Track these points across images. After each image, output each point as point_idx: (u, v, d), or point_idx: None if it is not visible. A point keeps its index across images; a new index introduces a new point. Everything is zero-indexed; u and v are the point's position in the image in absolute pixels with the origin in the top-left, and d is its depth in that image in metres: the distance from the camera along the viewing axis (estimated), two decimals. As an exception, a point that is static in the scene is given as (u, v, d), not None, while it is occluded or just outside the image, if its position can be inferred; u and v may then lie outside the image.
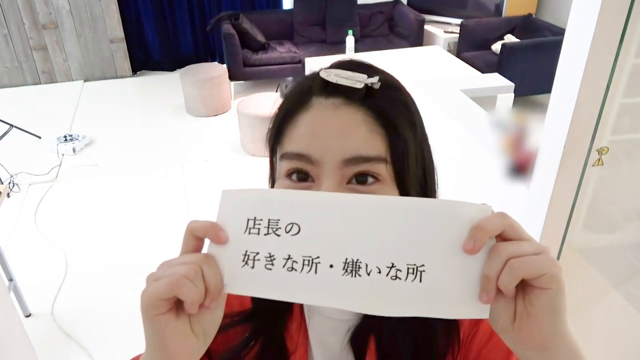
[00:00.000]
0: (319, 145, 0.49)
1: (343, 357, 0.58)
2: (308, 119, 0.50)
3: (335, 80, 0.49)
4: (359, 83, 0.49)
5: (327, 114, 0.50)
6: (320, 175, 0.50)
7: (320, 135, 0.49)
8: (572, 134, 1.13)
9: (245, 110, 3.71)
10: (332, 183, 0.49)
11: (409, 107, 0.53)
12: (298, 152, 0.50)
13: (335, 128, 0.49)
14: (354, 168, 0.49)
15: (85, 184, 3.50)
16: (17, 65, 5.01)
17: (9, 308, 1.75)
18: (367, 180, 0.49)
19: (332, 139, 0.49)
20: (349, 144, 0.49)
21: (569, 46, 1.11)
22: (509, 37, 4.73)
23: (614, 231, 1.47)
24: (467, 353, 0.58)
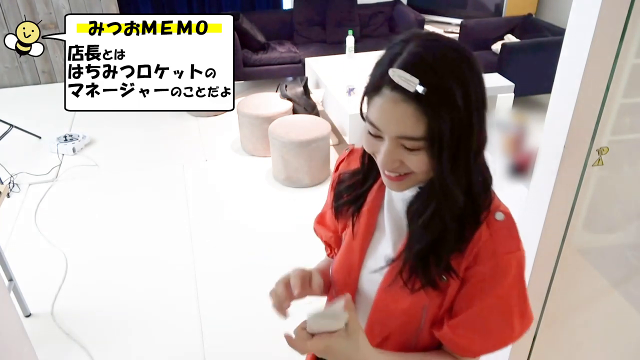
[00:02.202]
0: (384, 124, 0.72)
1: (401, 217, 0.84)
2: (379, 102, 0.71)
3: (397, 81, 0.68)
4: (412, 88, 0.67)
5: (390, 105, 0.70)
6: (384, 137, 0.73)
7: (385, 119, 0.71)
8: (572, 134, 1.13)
9: (245, 110, 3.71)
10: (389, 147, 0.73)
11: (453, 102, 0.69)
12: (373, 123, 0.73)
13: (394, 117, 0.70)
14: (402, 141, 0.71)
15: (85, 184, 3.50)
16: (17, 65, 5.01)
17: (9, 308, 1.75)
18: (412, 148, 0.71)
19: (392, 123, 0.71)
20: (401, 128, 0.70)
21: (569, 46, 1.11)
22: (509, 37, 4.73)
23: (614, 231, 1.47)
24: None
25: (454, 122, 0.69)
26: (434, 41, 0.72)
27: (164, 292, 2.54)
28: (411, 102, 0.68)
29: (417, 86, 0.67)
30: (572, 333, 1.55)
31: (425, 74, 0.67)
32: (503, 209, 0.80)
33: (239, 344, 2.25)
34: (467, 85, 0.70)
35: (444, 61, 0.70)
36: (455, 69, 0.69)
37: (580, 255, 1.42)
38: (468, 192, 0.76)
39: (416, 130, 0.69)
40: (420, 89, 0.67)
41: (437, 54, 0.70)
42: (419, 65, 0.68)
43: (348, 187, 0.91)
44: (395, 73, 0.68)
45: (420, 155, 0.72)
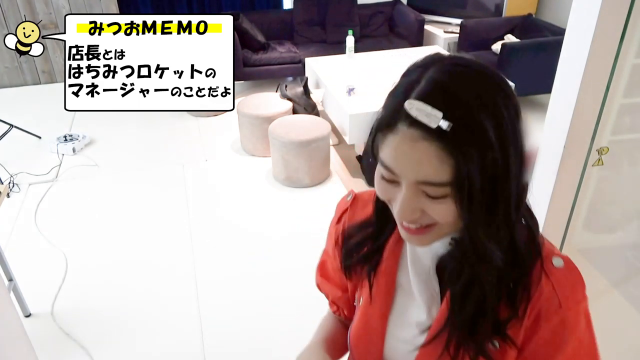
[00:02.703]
0: (400, 168, 0.60)
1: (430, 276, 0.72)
2: (394, 142, 0.59)
3: (415, 116, 0.57)
4: (434, 123, 0.56)
5: (407, 145, 0.58)
6: (401, 183, 0.61)
7: (402, 161, 0.59)
8: (572, 134, 1.13)
9: (245, 110, 3.71)
10: (408, 195, 0.61)
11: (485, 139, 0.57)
12: (387, 165, 0.61)
13: (413, 159, 0.58)
14: (425, 187, 0.60)
15: (85, 184, 3.50)
16: (17, 65, 5.01)
17: (9, 308, 1.75)
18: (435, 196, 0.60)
19: (410, 167, 0.59)
20: (422, 173, 0.58)
21: (569, 46, 1.11)
22: (509, 37, 4.73)
23: (614, 231, 1.47)
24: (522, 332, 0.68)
25: (486, 164, 0.57)
26: (460, 66, 0.61)
27: (164, 292, 2.54)
28: (433, 140, 0.56)
29: (440, 121, 0.55)
30: (572, 333, 1.54)
31: (449, 105, 0.56)
32: (558, 253, 0.70)
33: (239, 344, 2.25)
34: (501, 119, 0.58)
35: (473, 90, 0.58)
36: (486, 99, 0.58)
37: (580, 255, 1.42)
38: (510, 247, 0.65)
39: (440, 175, 0.57)
40: (444, 124, 0.55)
41: (464, 81, 0.59)
42: (442, 95, 0.57)
43: (359, 242, 0.78)
44: (412, 105, 0.57)
45: (446, 204, 0.60)
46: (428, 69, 0.60)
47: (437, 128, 0.56)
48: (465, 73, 0.60)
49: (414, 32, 5.00)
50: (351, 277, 0.81)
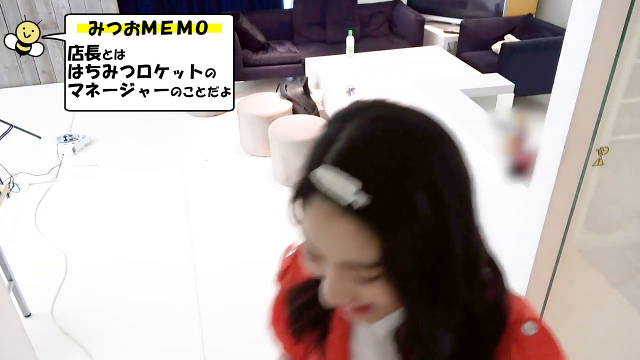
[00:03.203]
0: (320, 246, 0.50)
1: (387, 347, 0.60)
2: (310, 215, 0.49)
3: (326, 189, 0.46)
4: (348, 196, 0.45)
5: (323, 221, 0.48)
6: (326, 263, 0.51)
7: (320, 239, 0.50)
8: (572, 134, 1.13)
9: (245, 110, 3.71)
10: (334, 276, 0.51)
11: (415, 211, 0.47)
12: (308, 237, 0.51)
13: (333, 237, 0.48)
14: (349, 268, 0.50)
15: (85, 184, 3.50)
16: (17, 65, 5.01)
17: (9, 308, 1.75)
18: (365, 279, 0.50)
19: (331, 245, 0.49)
20: (344, 253, 0.48)
21: (569, 46, 1.11)
22: (509, 37, 4.73)
23: (614, 231, 1.47)
24: None
25: (418, 241, 0.48)
26: (384, 120, 0.50)
27: (163, 292, 2.54)
28: (351, 216, 0.46)
29: (354, 195, 0.45)
30: (572, 333, 1.55)
31: (367, 174, 0.46)
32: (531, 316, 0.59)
33: (239, 344, 2.25)
34: (435, 184, 0.48)
35: (398, 152, 0.47)
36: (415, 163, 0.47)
37: (580, 255, 1.42)
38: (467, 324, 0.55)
39: (366, 255, 0.47)
40: (360, 199, 0.45)
41: (386, 141, 0.48)
42: (358, 161, 0.46)
43: (305, 304, 0.66)
44: (322, 176, 0.47)
45: (380, 286, 0.50)
46: (346, 124, 0.49)
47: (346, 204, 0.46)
48: (389, 130, 0.49)
49: (414, 32, 5.00)
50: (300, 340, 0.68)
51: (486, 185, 1.74)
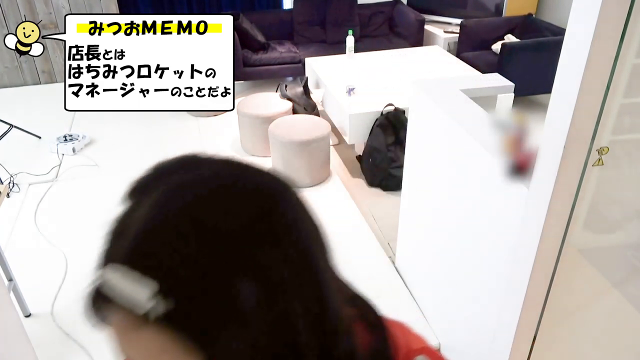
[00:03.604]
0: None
1: None
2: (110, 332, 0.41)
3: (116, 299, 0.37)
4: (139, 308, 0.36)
5: (122, 338, 0.40)
6: None
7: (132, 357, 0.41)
8: (572, 134, 1.13)
9: (245, 110, 3.71)
10: None
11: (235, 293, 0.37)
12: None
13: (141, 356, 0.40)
14: None
15: (85, 184, 3.50)
16: (17, 65, 5.01)
17: (9, 308, 1.75)
18: None
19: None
20: None
21: (569, 46, 1.11)
22: (509, 37, 4.73)
23: (614, 231, 1.47)
24: None
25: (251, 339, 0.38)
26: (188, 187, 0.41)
27: (164, 292, 2.54)
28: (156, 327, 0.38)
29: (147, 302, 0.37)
30: (572, 333, 1.55)
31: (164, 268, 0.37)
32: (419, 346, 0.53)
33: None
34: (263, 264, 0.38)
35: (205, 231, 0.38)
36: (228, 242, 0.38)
37: (580, 255, 1.42)
38: None
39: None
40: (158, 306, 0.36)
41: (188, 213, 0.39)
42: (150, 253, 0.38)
43: None
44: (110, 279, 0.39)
45: None
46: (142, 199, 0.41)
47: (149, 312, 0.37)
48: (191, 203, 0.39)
49: (414, 32, 5.00)
50: None
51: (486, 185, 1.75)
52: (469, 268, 1.84)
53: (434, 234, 2.14)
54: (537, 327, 1.45)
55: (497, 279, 1.60)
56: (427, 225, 2.21)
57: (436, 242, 2.12)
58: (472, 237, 1.79)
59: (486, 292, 1.71)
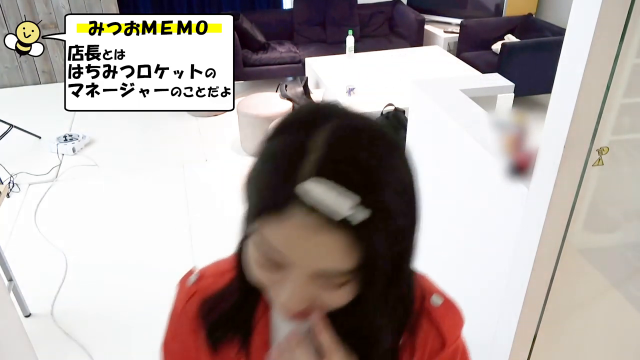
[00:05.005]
0: (294, 254, 0.48)
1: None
2: (288, 228, 0.46)
3: (316, 204, 0.44)
4: (343, 212, 0.44)
5: (305, 233, 0.45)
6: (290, 268, 0.49)
7: (298, 249, 0.47)
8: (572, 134, 1.13)
9: (245, 110, 3.71)
10: (298, 285, 0.49)
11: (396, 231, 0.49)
12: (275, 247, 0.48)
13: (312, 249, 0.46)
14: (321, 276, 0.49)
15: (85, 184, 3.50)
16: (17, 65, 5.01)
17: (9, 308, 1.75)
18: (333, 285, 0.50)
19: (308, 255, 0.47)
20: (324, 262, 0.47)
21: (569, 46, 1.11)
22: (509, 37, 4.73)
23: (614, 231, 1.47)
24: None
25: (395, 243, 0.50)
26: (355, 130, 0.49)
27: (163, 292, 2.52)
28: (339, 229, 0.45)
29: (353, 212, 0.44)
30: (572, 333, 1.55)
31: (359, 188, 0.45)
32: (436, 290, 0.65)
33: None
34: (405, 183, 0.50)
35: (376, 157, 0.47)
36: (392, 170, 0.48)
37: (580, 255, 1.42)
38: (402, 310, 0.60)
39: (345, 264, 0.47)
40: (358, 214, 0.44)
41: (363, 146, 0.47)
42: (345, 172, 0.45)
43: (225, 313, 0.66)
44: (313, 189, 0.44)
45: (344, 291, 0.50)
46: (314, 133, 0.47)
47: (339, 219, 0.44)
48: (366, 137, 0.48)
49: (414, 32, 5.00)
50: (218, 355, 0.67)
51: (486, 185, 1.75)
52: (468, 268, 1.84)
53: (434, 234, 2.14)
54: (537, 327, 1.45)
55: (497, 279, 1.60)
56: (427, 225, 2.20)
57: (435, 242, 2.12)
58: (472, 237, 1.79)
59: (486, 292, 1.71)
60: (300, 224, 0.45)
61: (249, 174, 0.52)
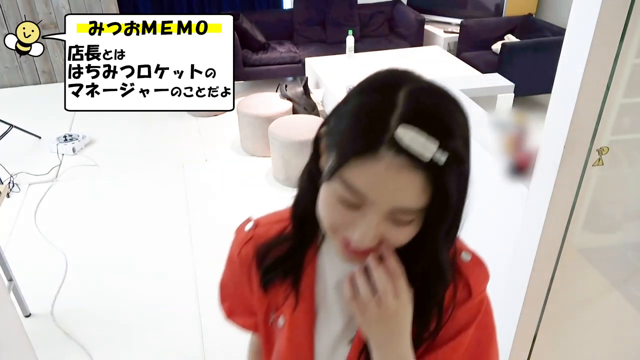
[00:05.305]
0: (376, 194, 0.55)
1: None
2: (375, 170, 0.54)
3: (407, 146, 0.52)
4: (429, 154, 0.53)
5: (392, 173, 0.53)
6: (367, 210, 0.57)
7: (381, 188, 0.55)
8: (572, 134, 1.13)
9: (245, 110, 3.71)
10: (374, 218, 0.57)
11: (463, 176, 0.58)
12: (358, 190, 0.55)
13: (396, 186, 0.54)
14: (395, 214, 0.57)
15: (85, 184, 3.50)
16: (17, 65, 5.01)
17: (9, 308, 1.75)
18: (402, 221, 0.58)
19: (389, 193, 0.55)
20: (400, 200, 0.55)
21: (569, 46, 1.11)
22: (509, 37, 4.73)
23: (614, 231, 1.47)
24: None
25: (461, 182, 0.58)
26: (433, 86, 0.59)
27: (163, 292, 2.54)
28: (420, 169, 0.53)
29: (435, 153, 0.53)
30: (572, 333, 1.55)
31: (441, 134, 0.54)
32: (465, 247, 0.73)
33: (240, 344, 2.24)
34: (467, 136, 0.58)
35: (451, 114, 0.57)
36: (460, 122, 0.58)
37: (580, 255, 1.42)
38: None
39: (419, 201, 0.55)
40: (441, 156, 0.53)
41: (443, 105, 0.57)
42: (433, 123, 0.54)
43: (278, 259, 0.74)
44: (406, 134, 0.53)
45: (410, 228, 0.58)
46: (399, 90, 0.56)
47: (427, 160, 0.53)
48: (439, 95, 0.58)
49: (414, 32, 5.00)
50: (268, 294, 0.76)
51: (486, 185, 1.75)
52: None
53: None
54: (537, 326, 1.45)
55: (497, 279, 1.60)
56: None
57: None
58: (472, 237, 1.79)
59: (486, 292, 1.71)
60: (388, 164, 0.53)
61: (330, 129, 0.61)
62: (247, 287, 0.80)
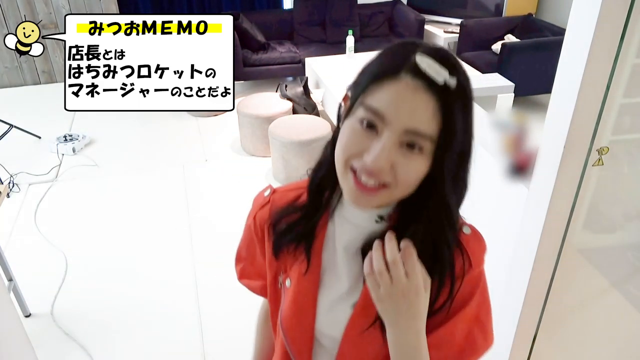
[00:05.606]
0: (394, 113, 0.62)
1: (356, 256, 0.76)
2: (394, 89, 0.62)
3: (424, 69, 0.61)
4: (441, 78, 0.61)
5: (409, 93, 0.62)
6: (383, 131, 0.63)
7: (398, 107, 0.62)
8: (572, 134, 1.13)
9: (245, 110, 3.71)
10: (389, 140, 0.63)
11: (468, 109, 0.66)
12: (377, 109, 0.63)
13: (411, 106, 0.62)
14: (409, 136, 0.63)
15: (85, 184, 3.50)
16: (17, 65, 5.01)
17: (9, 308, 1.75)
18: (414, 148, 0.63)
19: (405, 112, 0.62)
20: (414, 121, 0.62)
21: (569, 46, 1.11)
22: (509, 37, 4.73)
23: (614, 231, 1.47)
24: None
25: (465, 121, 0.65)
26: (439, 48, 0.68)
27: (164, 292, 2.54)
28: (433, 94, 0.61)
29: (446, 77, 0.62)
30: (572, 333, 1.55)
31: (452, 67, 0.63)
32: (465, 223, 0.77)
33: (240, 345, 2.24)
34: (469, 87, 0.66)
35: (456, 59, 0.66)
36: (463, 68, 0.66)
37: (580, 255, 1.42)
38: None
39: (430, 126, 0.62)
40: (452, 81, 0.62)
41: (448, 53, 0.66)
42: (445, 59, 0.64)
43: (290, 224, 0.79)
44: (423, 60, 0.62)
45: (420, 161, 0.64)
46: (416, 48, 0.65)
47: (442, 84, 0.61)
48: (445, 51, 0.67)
49: (414, 32, 5.00)
50: (278, 259, 0.82)
51: (486, 185, 1.74)
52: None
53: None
54: (537, 327, 1.45)
55: (497, 279, 1.60)
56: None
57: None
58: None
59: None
60: (406, 85, 0.62)
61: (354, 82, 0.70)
62: (259, 250, 0.87)
